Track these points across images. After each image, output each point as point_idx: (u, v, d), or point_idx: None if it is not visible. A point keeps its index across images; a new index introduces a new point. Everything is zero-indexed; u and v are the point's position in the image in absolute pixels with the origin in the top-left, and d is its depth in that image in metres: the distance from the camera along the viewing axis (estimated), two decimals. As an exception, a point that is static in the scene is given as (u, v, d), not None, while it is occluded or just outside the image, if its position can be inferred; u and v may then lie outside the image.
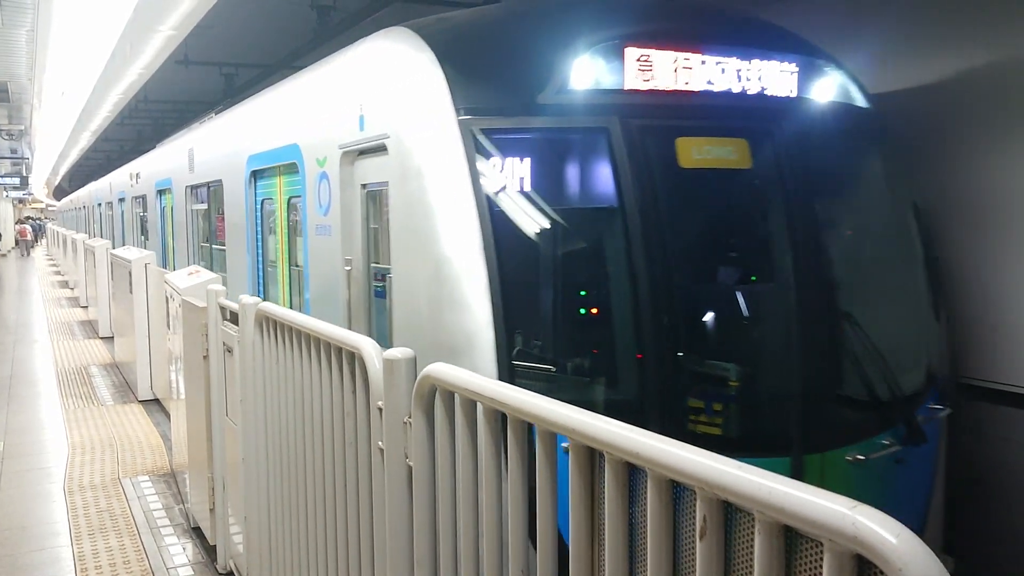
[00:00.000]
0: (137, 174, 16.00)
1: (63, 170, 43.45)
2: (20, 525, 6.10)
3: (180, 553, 5.61)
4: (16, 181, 36.73)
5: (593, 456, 1.78)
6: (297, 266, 5.98)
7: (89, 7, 9.00)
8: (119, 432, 8.66)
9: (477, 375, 2.27)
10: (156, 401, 10.00)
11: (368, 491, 2.92)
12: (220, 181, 8.22)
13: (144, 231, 14.93)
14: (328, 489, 3.28)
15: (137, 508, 6.40)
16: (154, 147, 16.92)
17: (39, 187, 58.45)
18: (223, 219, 8.12)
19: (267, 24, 12.79)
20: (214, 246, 9.14)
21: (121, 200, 18.53)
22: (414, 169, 3.91)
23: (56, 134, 23.49)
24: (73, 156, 32.65)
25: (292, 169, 5.85)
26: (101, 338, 15.18)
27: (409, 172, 3.95)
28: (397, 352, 2.59)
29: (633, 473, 1.67)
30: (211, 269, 8.38)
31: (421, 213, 3.83)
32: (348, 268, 4.85)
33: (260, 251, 7.09)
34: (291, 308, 5.88)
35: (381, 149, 4.33)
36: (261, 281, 7.12)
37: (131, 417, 9.36)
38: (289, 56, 14.07)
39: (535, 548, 1.98)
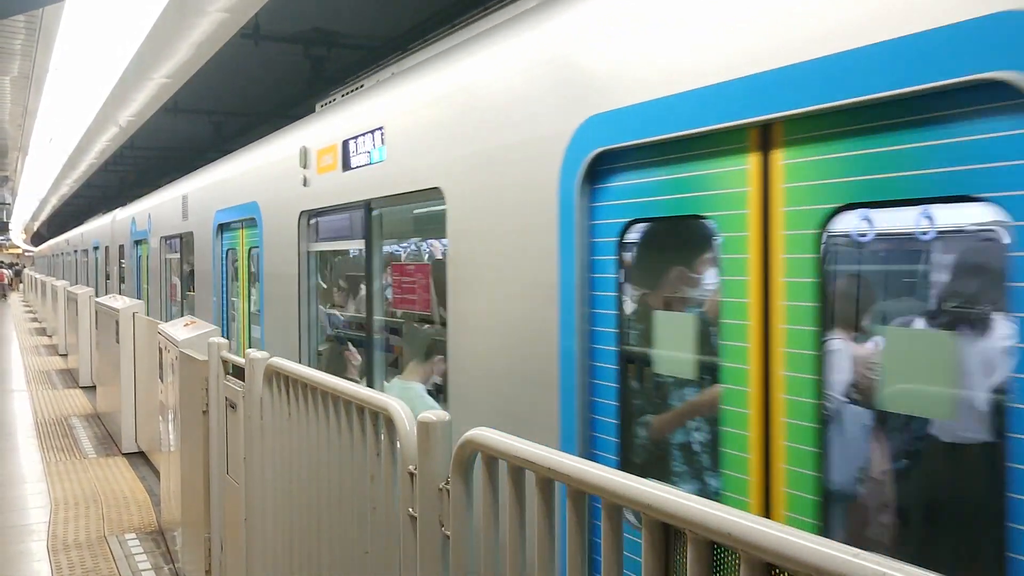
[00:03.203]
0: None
1: (43, 216, 43.10)
2: (2, 587, 5.85)
3: (171, 617, 5.38)
4: (-5, 227, 36.37)
5: (669, 533, 1.68)
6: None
7: (87, 54, 8.96)
8: (103, 487, 8.40)
9: (522, 440, 2.17)
10: (141, 454, 9.74)
11: (395, 560, 2.78)
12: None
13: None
14: (346, 555, 3.14)
15: (125, 568, 6.16)
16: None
17: (17, 233, 57.96)
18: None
19: (260, 73, 12.81)
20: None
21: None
22: None
23: (40, 180, 23.32)
24: (54, 202, 32.40)
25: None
26: (82, 387, 14.86)
27: None
28: (432, 415, 2.49)
29: (718, 553, 1.57)
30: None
31: None
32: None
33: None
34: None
35: None
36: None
37: (115, 471, 9.09)
38: (280, 106, 14.10)
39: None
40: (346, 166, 5.50)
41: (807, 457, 2.41)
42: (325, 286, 6.85)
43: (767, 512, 2.52)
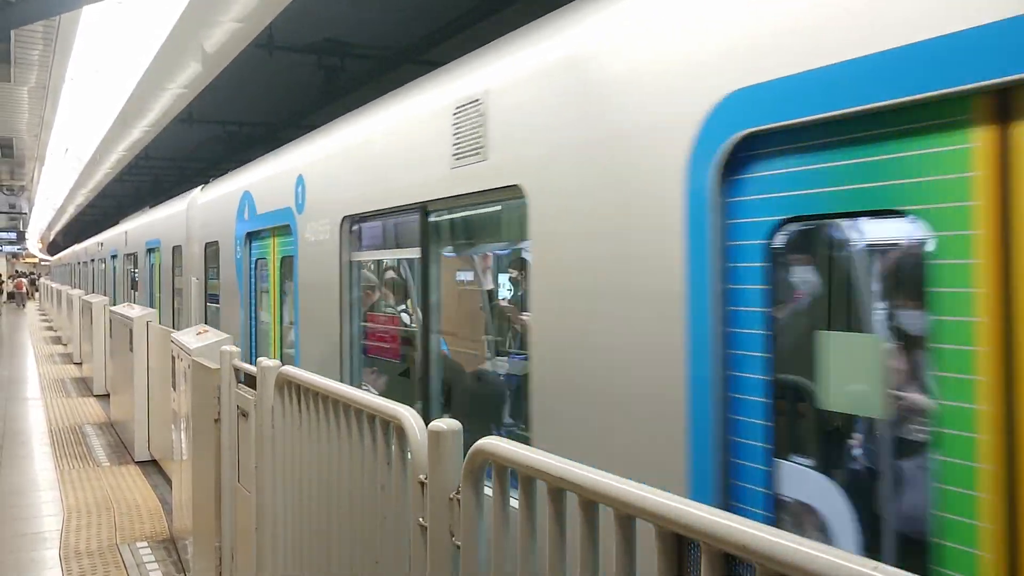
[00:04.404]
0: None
1: (58, 226, 43.44)
2: (14, 594, 5.86)
3: (182, 626, 5.37)
4: (12, 236, 36.70)
5: (682, 544, 1.65)
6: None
7: (103, 64, 9.03)
8: (116, 495, 8.41)
9: (533, 450, 2.14)
10: (153, 462, 9.76)
11: (403, 569, 2.76)
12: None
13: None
14: (356, 563, 3.12)
15: (136, 576, 6.16)
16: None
17: (34, 242, 58.44)
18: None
19: (274, 83, 12.88)
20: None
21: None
22: None
23: (56, 190, 23.50)
24: (70, 212, 32.64)
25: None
26: (95, 396, 14.92)
27: None
28: (443, 424, 2.47)
29: (734, 565, 1.54)
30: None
31: None
32: None
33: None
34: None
35: None
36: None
37: (128, 479, 9.11)
38: (294, 116, 14.17)
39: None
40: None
41: None
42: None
43: None
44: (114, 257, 19.21)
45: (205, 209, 9.81)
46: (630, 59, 3.00)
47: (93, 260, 24.08)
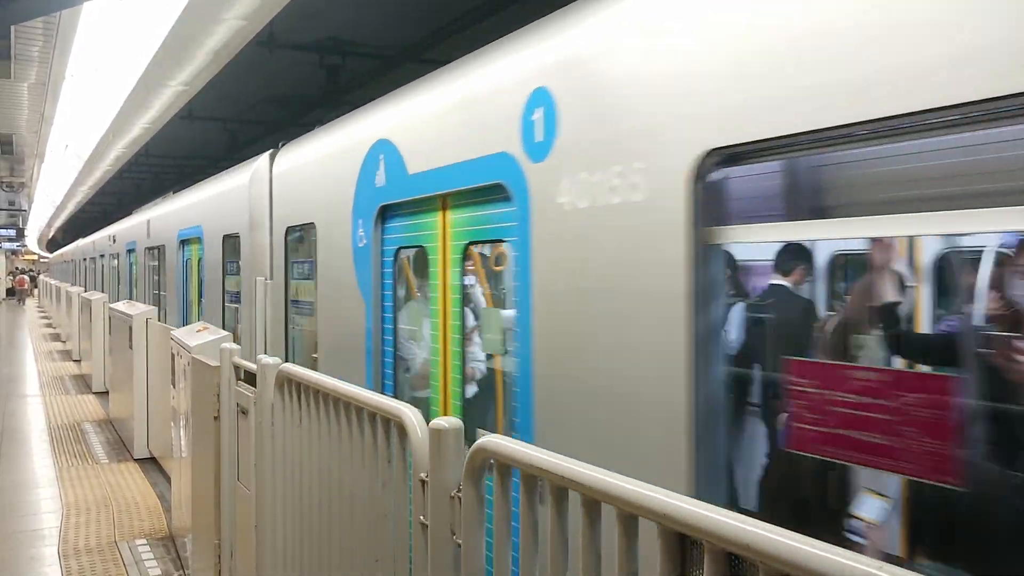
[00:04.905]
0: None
1: (58, 223, 43.42)
2: (13, 591, 5.85)
3: (181, 623, 5.37)
4: (12, 233, 36.70)
5: (685, 544, 1.65)
6: None
7: (103, 60, 9.02)
8: (115, 492, 8.41)
9: (535, 448, 2.14)
10: (153, 460, 9.75)
11: (404, 567, 2.76)
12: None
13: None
14: (356, 561, 3.11)
15: (135, 573, 6.15)
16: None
17: (33, 239, 58.42)
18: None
19: (275, 81, 12.87)
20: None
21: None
22: None
23: (56, 187, 23.49)
24: (70, 209, 32.63)
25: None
26: (94, 393, 14.91)
27: None
28: (444, 422, 2.46)
29: (737, 564, 1.54)
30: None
31: None
32: None
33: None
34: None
35: None
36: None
37: (127, 476, 9.10)
38: (295, 114, 14.16)
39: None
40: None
41: None
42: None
43: None
44: (131, 252, 15.70)
45: (287, 180, 6.68)
46: None
47: (103, 256, 20.28)
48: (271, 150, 7.16)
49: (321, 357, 5.81)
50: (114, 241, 18.16)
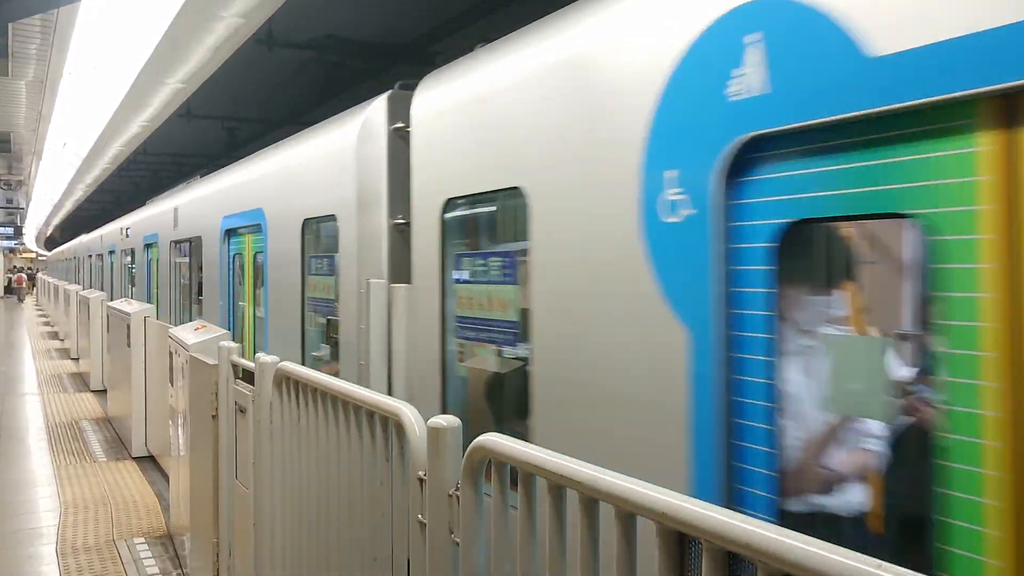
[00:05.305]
0: None
1: (56, 221, 43.39)
2: (10, 590, 5.85)
3: (179, 622, 5.37)
4: (10, 231, 36.68)
5: (684, 542, 1.64)
6: None
7: (101, 58, 9.01)
8: (113, 491, 8.40)
9: (533, 446, 2.13)
10: (151, 458, 9.74)
11: (402, 566, 2.75)
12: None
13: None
14: (354, 560, 3.11)
15: (133, 572, 6.14)
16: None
17: (31, 237, 58.42)
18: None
19: (272, 79, 12.86)
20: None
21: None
22: None
23: (54, 185, 23.47)
24: (68, 207, 32.60)
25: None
26: (92, 391, 14.90)
27: None
28: (443, 420, 2.46)
29: (736, 563, 1.53)
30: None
31: None
32: None
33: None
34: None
35: None
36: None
37: (125, 475, 9.09)
38: (294, 113, 14.15)
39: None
40: None
41: None
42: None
43: None
44: (150, 246, 13.17)
45: (446, 127, 4.18)
46: None
47: (112, 252, 17.76)
48: (388, 92, 4.91)
49: (543, 427, 3.30)
50: (127, 235, 15.54)
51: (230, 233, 8.23)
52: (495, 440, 2.21)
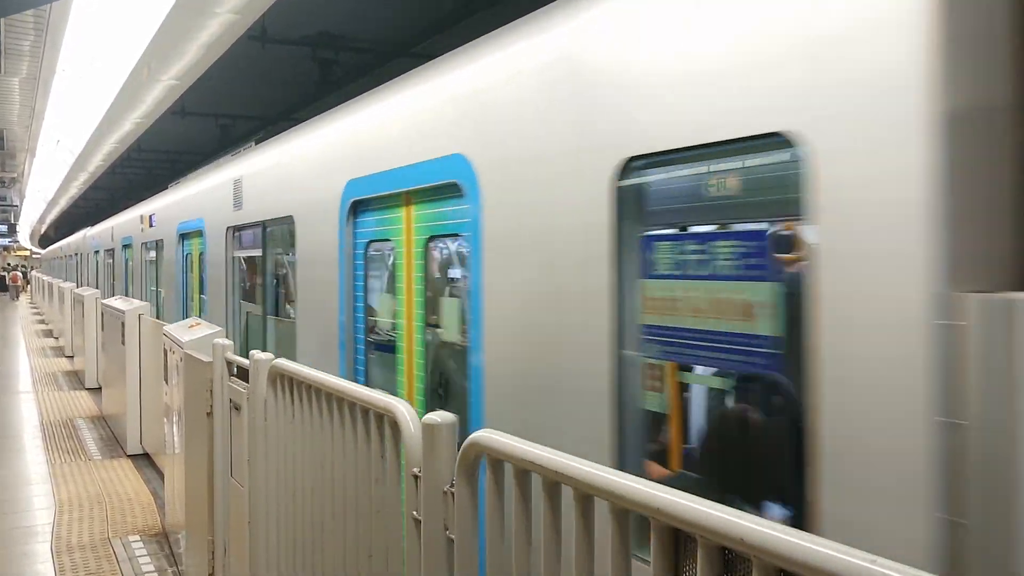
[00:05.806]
0: None
1: (50, 218, 43.28)
2: (5, 588, 5.84)
3: (174, 620, 5.36)
4: (3, 228, 36.57)
5: (679, 538, 1.64)
6: None
7: (94, 55, 8.97)
8: (108, 489, 8.38)
9: (529, 443, 2.13)
10: (145, 456, 9.73)
11: (398, 562, 2.75)
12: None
13: None
14: (349, 557, 3.10)
15: (128, 570, 6.14)
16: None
17: (25, 235, 58.31)
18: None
19: (267, 76, 12.82)
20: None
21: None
22: None
23: (47, 182, 23.37)
24: (62, 204, 32.51)
25: None
26: (87, 389, 14.87)
27: None
28: (437, 416, 2.45)
29: (731, 558, 1.54)
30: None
31: None
32: None
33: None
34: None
35: None
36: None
37: (120, 473, 9.08)
38: (288, 109, 14.12)
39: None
40: None
41: None
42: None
43: None
44: (184, 238, 10.05)
45: None
46: None
47: (128, 246, 14.98)
48: None
49: None
50: (150, 223, 12.15)
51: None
52: (490, 436, 2.21)
